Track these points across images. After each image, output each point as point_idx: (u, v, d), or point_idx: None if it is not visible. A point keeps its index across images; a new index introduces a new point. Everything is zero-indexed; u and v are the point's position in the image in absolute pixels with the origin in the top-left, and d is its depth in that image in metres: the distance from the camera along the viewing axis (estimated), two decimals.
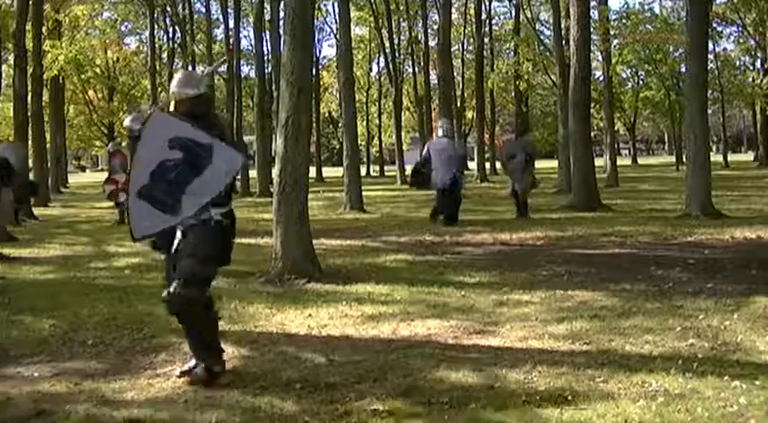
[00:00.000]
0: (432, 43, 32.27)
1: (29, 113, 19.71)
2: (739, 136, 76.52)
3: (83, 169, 75.89)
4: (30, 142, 19.66)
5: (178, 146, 4.16)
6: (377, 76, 46.49)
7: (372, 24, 38.14)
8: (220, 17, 36.32)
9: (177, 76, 4.75)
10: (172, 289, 4.31)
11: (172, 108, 4.60)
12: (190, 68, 38.68)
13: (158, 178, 4.15)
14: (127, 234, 13.33)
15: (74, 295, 7.25)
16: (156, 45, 39.01)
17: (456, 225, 12.86)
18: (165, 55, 42.50)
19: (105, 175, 17.62)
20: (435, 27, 29.59)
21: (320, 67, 42.64)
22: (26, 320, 6.20)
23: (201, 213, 4.32)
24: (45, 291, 7.55)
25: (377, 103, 46.68)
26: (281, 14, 15.43)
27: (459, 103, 37.96)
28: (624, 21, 34.91)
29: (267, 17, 27.75)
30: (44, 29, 27.16)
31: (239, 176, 29.22)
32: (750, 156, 52.76)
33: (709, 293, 6.45)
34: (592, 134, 19.71)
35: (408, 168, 14.36)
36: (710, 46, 31.02)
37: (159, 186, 4.15)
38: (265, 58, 30.59)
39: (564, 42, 23.46)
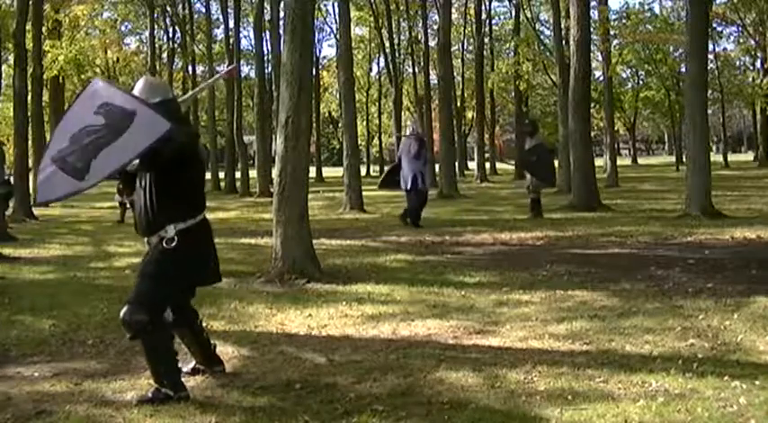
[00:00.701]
0: (432, 43, 32.24)
1: (29, 114, 19.70)
2: (739, 136, 76.54)
3: None
4: (30, 142, 19.64)
5: (103, 112, 3.86)
6: (377, 76, 46.51)
7: (372, 24, 38.16)
8: (220, 17, 36.35)
9: (140, 83, 4.32)
10: (121, 313, 4.01)
11: None
12: (190, 69, 38.74)
13: (75, 142, 3.83)
14: (127, 234, 13.21)
15: (74, 295, 7.25)
16: (156, 45, 39.04)
17: (417, 228, 12.63)
18: (165, 55, 42.52)
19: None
20: (435, 27, 29.57)
21: (320, 67, 42.65)
22: (26, 320, 6.20)
23: (160, 230, 4.04)
24: (45, 291, 7.54)
25: (377, 103, 46.70)
26: (281, 14, 15.44)
27: (459, 103, 37.95)
28: (624, 21, 34.91)
29: (267, 17, 27.75)
30: (44, 29, 27.13)
31: (238, 176, 29.36)
32: (750, 156, 52.77)
33: (709, 293, 6.45)
34: (592, 134, 19.73)
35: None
36: (710, 46, 31.00)
37: (73, 150, 3.82)
38: (265, 58, 30.60)
39: (564, 42, 23.48)
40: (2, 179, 15.53)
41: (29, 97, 19.92)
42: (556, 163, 18.94)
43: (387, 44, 35.60)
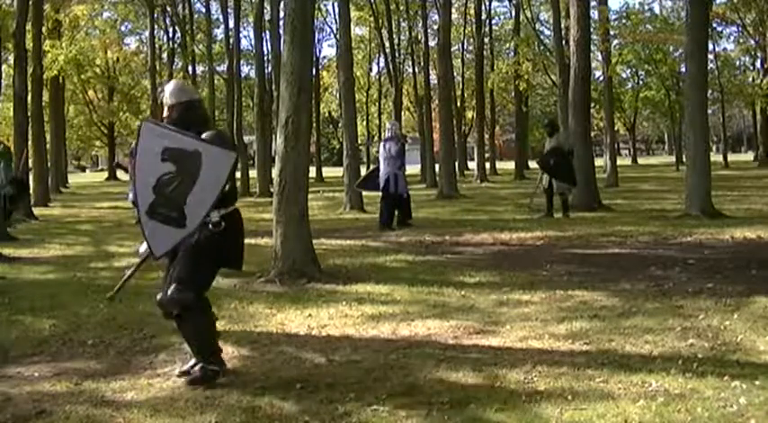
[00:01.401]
0: (432, 43, 32.21)
1: (29, 113, 19.70)
2: (739, 136, 76.56)
3: (83, 169, 75.93)
4: (30, 142, 19.64)
5: (170, 158, 4.21)
6: (377, 76, 46.49)
7: (372, 24, 38.14)
8: (220, 17, 36.31)
9: (170, 85, 4.70)
10: (169, 292, 4.29)
11: (165, 114, 4.58)
12: (190, 69, 38.74)
13: (160, 194, 4.22)
14: (128, 234, 13.21)
15: (74, 295, 7.25)
16: (156, 45, 39.05)
17: (389, 229, 12.60)
18: (165, 55, 42.53)
19: (106, 174, 17.66)
20: (435, 27, 29.56)
21: (320, 67, 42.64)
22: (26, 320, 6.20)
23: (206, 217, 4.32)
24: (45, 291, 7.54)
25: (377, 103, 46.67)
26: (281, 14, 15.43)
27: (459, 103, 37.96)
28: (624, 21, 34.94)
29: (267, 17, 27.74)
30: (44, 29, 27.14)
31: (238, 176, 29.34)
32: (750, 156, 52.76)
33: (709, 293, 6.44)
34: (592, 134, 19.73)
35: (407, 168, 14.29)
36: (710, 46, 31.00)
37: (162, 202, 4.22)
38: (265, 58, 30.59)
39: (564, 42, 23.46)
40: (9, 178, 15.67)
41: (29, 97, 19.92)
42: None
43: (387, 44, 35.57)
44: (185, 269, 4.29)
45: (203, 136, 4.36)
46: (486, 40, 38.46)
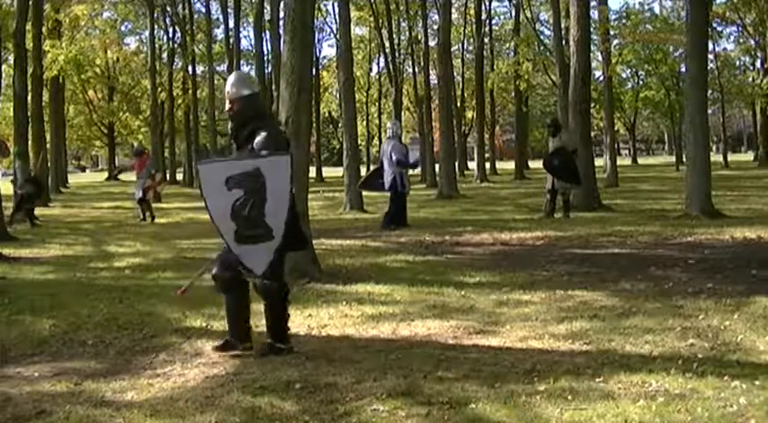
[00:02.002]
0: (432, 43, 32.22)
1: (29, 113, 19.71)
2: (739, 136, 76.54)
3: (83, 169, 75.92)
4: (30, 142, 19.65)
5: (235, 185, 4.47)
6: (377, 76, 46.49)
7: (372, 24, 38.13)
8: (220, 17, 36.36)
9: (232, 77, 5.03)
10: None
11: (227, 107, 4.90)
12: (190, 69, 38.68)
13: (239, 219, 4.49)
14: (128, 234, 13.22)
15: (74, 295, 7.24)
16: (156, 45, 39.02)
17: (398, 228, 12.55)
18: (165, 55, 42.51)
19: (106, 174, 17.70)
20: (435, 27, 29.56)
21: (320, 67, 42.63)
22: (26, 320, 6.20)
23: None
24: (45, 291, 7.54)
25: (377, 103, 46.67)
26: (281, 14, 15.43)
27: (459, 103, 37.95)
28: (624, 21, 34.93)
29: (267, 17, 27.75)
30: (44, 29, 27.14)
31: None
32: (750, 156, 52.74)
33: (709, 293, 6.44)
34: (592, 134, 19.71)
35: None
36: (710, 46, 31.00)
37: (245, 225, 4.50)
38: (265, 58, 30.59)
39: (564, 42, 23.45)
40: (26, 177, 15.87)
41: (29, 97, 19.94)
42: None
43: (387, 44, 35.57)
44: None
45: (256, 142, 4.64)
46: (486, 40, 38.46)
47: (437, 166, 24.02)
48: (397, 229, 12.61)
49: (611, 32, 29.88)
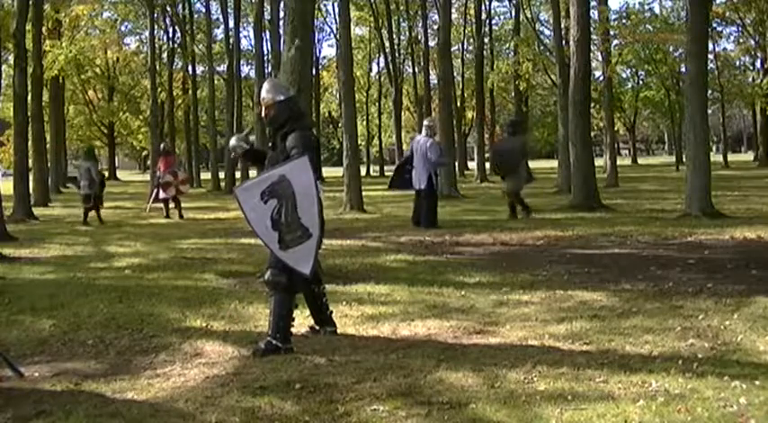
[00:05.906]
0: (432, 43, 32.25)
1: (29, 113, 19.69)
2: (739, 136, 76.57)
3: None
4: (29, 142, 19.64)
5: (269, 196, 4.78)
6: (377, 76, 46.53)
7: (372, 24, 38.18)
8: (220, 17, 36.37)
9: (266, 84, 5.31)
10: (266, 274, 5.04)
11: (262, 113, 5.21)
12: (190, 69, 38.63)
13: (279, 227, 4.78)
14: (127, 234, 13.18)
15: (74, 295, 7.24)
16: (156, 45, 38.98)
17: (435, 229, 12.41)
18: (165, 55, 42.53)
19: (106, 174, 17.81)
20: (435, 27, 29.59)
21: (320, 67, 42.67)
22: (26, 320, 6.20)
23: None
24: (45, 291, 7.54)
25: (377, 103, 46.71)
26: (281, 14, 15.43)
27: (459, 103, 37.96)
28: (624, 21, 34.88)
29: (267, 17, 27.74)
30: (44, 29, 27.13)
31: (239, 176, 29.25)
32: (750, 156, 52.76)
33: (709, 293, 6.44)
34: (592, 134, 19.72)
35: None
36: (710, 46, 31.00)
37: (285, 230, 4.78)
38: (265, 58, 30.59)
39: (564, 42, 23.47)
40: (98, 179, 16.13)
41: (29, 97, 19.92)
42: (555, 163, 18.87)
43: (387, 44, 35.63)
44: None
45: (287, 143, 4.93)
46: (486, 40, 38.48)
47: None
48: (434, 228, 12.42)
49: (611, 32, 29.84)
